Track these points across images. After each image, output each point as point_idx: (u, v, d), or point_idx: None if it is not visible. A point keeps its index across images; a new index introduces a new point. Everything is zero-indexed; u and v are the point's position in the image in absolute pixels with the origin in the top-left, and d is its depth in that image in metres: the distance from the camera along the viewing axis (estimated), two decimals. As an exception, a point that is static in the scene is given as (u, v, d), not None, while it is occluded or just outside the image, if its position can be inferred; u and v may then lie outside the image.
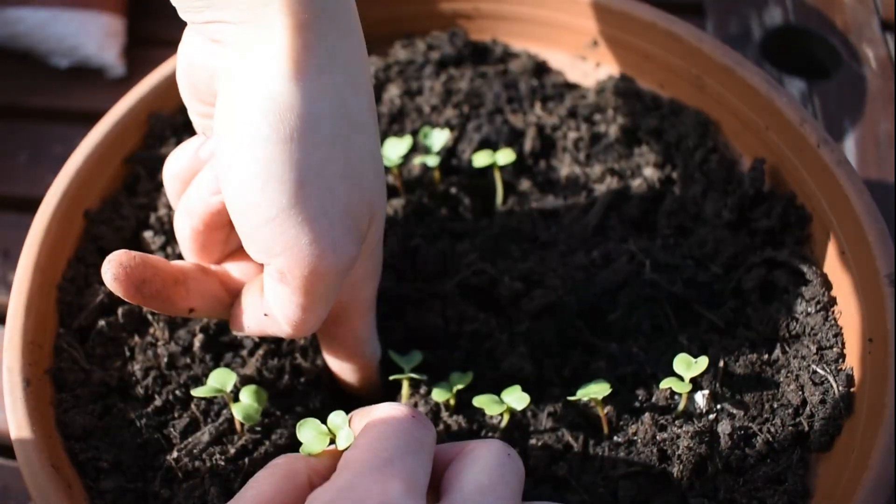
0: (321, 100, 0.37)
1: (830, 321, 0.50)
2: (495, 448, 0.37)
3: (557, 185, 0.61)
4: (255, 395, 0.47)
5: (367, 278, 0.46)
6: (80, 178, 0.55)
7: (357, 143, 0.39)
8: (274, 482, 0.37)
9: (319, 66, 0.37)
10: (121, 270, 0.42)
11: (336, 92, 0.38)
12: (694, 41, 0.60)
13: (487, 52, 0.68)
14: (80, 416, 0.47)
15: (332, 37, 0.38)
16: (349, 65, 0.39)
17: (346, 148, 0.39)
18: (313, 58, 0.37)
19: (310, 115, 0.37)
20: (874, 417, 0.44)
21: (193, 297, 0.45)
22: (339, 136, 0.38)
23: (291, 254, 0.38)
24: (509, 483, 0.36)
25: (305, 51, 0.37)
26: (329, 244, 0.38)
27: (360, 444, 0.36)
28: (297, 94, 0.37)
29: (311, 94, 0.37)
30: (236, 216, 0.39)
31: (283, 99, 0.37)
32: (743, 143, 0.59)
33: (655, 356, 0.51)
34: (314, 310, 0.41)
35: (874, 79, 0.80)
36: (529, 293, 0.53)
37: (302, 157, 0.37)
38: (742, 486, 0.45)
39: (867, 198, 0.50)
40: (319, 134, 0.37)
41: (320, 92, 0.37)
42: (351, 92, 0.39)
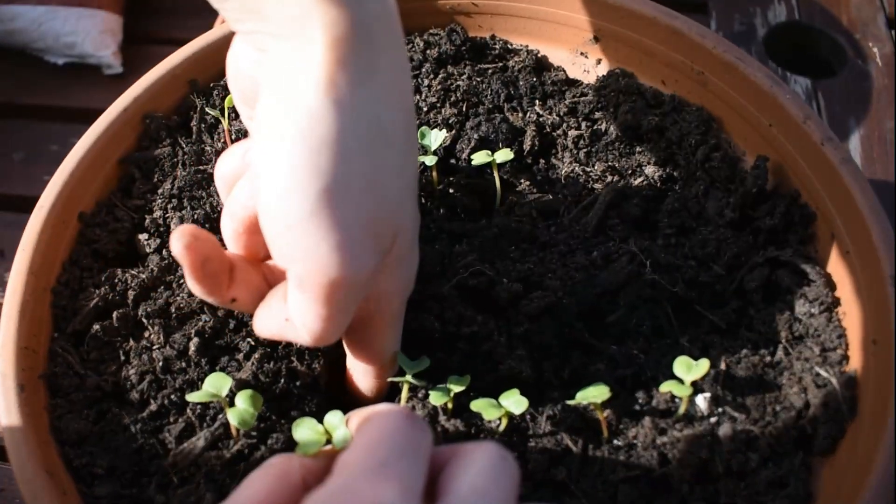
0: (352, 114, 0.38)
1: (834, 322, 0.50)
2: (490, 450, 0.37)
3: (557, 184, 0.60)
4: (251, 399, 0.46)
5: (393, 292, 0.46)
6: (74, 180, 0.54)
7: (386, 158, 0.40)
8: (268, 482, 0.37)
9: (353, 81, 0.38)
10: (192, 241, 0.42)
11: (369, 106, 0.39)
12: (696, 37, 0.59)
13: (486, 49, 0.67)
14: (75, 421, 0.47)
15: (369, 52, 0.39)
16: (386, 80, 0.40)
17: (373, 162, 0.39)
18: (348, 72, 0.38)
19: (339, 128, 0.38)
20: (877, 420, 0.44)
21: (239, 286, 0.46)
22: (367, 151, 0.39)
23: (310, 261, 0.39)
24: (504, 486, 0.36)
25: (340, 65, 0.38)
26: (347, 255, 0.39)
27: (356, 445, 0.36)
28: (328, 106, 0.38)
29: (342, 107, 0.38)
30: (263, 220, 0.40)
31: (314, 111, 0.38)
32: (746, 140, 0.59)
33: (656, 358, 0.51)
34: (332, 320, 0.42)
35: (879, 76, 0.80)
36: (528, 294, 0.53)
37: (327, 168, 0.38)
38: (744, 491, 0.45)
39: (872, 197, 0.50)
40: (347, 147, 0.38)
41: (352, 106, 0.38)
42: (385, 107, 0.40)
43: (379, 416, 0.37)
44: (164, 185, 0.58)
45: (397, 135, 0.41)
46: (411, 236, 0.45)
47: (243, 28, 0.40)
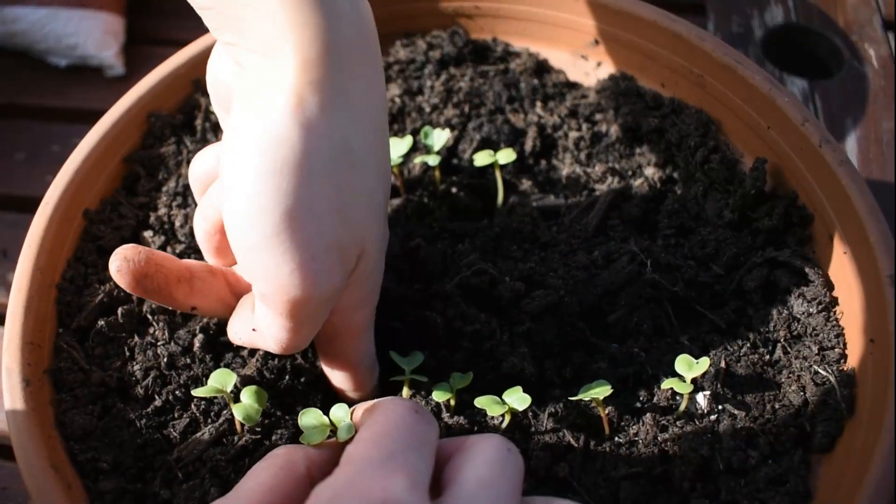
0: (319, 136, 0.38)
1: (832, 322, 0.50)
2: (495, 443, 0.37)
3: (558, 184, 0.61)
4: (256, 395, 0.46)
5: (358, 305, 0.46)
6: (79, 178, 0.55)
7: (353, 180, 0.40)
8: (272, 473, 0.37)
9: (323, 103, 0.38)
10: (124, 264, 0.44)
11: (338, 129, 0.39)
12: (695, 40, 0.60)
13: (488, 51, 0.68)
14: (80, 416, 0.47)
15: (341, 74, 0.39)
16: (357, 102, 0.40)
17: (339, 185, 0.39)
18: (317, 94, 0.38)
19: (304, 151, 0.38)
20: (876, 418, 0.44)
21: (197, 295, 0.46)
22: (333, 173, 0.39)
23: (271, 281, 0.39)
24: (510, 478, 0.36)
25: (310, 87, 0.38)
26: (310, 275, 0.39)
27: (363, 438, 0.36)
28: (294, 128, 0.38)
29: (308, 129, 0.38)
30: (228, 234, 0.40)
31: (280, 132, 0.38)
32: (744, 142, 0.59)
33: (657, 357, 0.51)
34: (299, 332, 0.42)
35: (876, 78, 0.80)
36: (530, 293, 0.53)
37: (290, 190, 0.38)
38: (744, 488, 0.45)
39: (869, 198, 0.50)
40: (311, 169, 0.38)
41: (319, 128, 0.38)
42: (354, 129, 0.40)
43: (385, 409, 0.38)
44: (168, 182, 0.59)
45: (367, 156, 0.41)
46: (377, 255, 0.45)
47: (222, 38, 0.40)
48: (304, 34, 0.38)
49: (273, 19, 0.38)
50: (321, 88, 0.38)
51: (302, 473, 0.38)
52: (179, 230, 0.56)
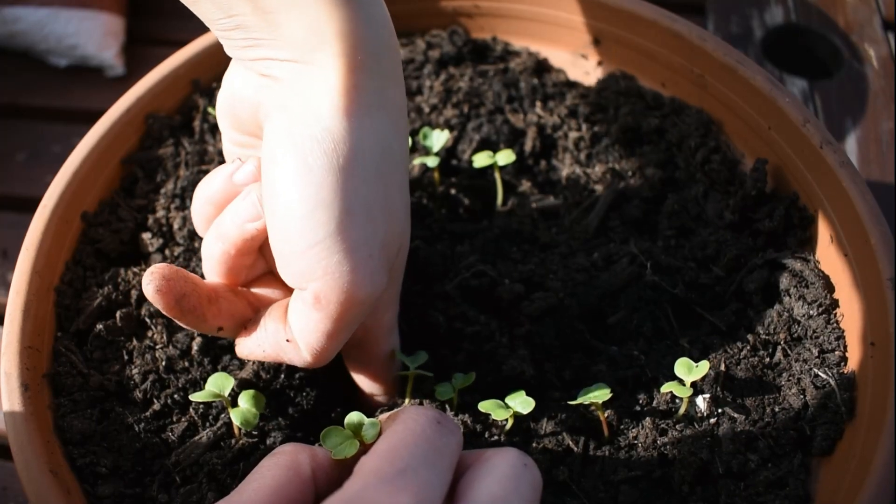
0: (369, 136, 0.40)
1: (832, 324, 0.50)
2: (511, 457, 0.36)
3: (558, 185, 0.61)
4: (254, 399, 0.46)
5: (389, 303, 0.47)
6: (77, 181, 0.54)
7: (395, 178, 0.42)
8: (277, 474, 0.36)
9: (368, 105, 0.40)
10: (164, 283, 0.43)
11: (381, 130, 0.41)
12: (696, 40, 0.59)
13: (487, 51, 0.68)
14: (79, 420, 0.47)
15: (379, 79, 0.40)
16: (393, 106, 0.42)
17: (386, 183, 0.41)
18: (363, 97, 0.40)
19: (359, 149, 0.39)
20: (876, 421, 0.44)
21: (224, 316, 0.46)
22: (381, 172, 0.41)
23: (331, 279, 0.40)
24: (524, 494, 0.35)
25: (357, 90, 0.39)
26: (368, 273, 0.40)
27: (378, 450, 0.36)
28: (349, 128, 0.39)
29: (360, 129, 0.39)
30: (279, 242, 0.40)
31: (336, 132, 0.39)
32: (745, 143, 0.59)
33: (656, 359, 0.51)
34: (338, 337, 0.43)
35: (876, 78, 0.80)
36: (530, 295, 0.53)
37: (349, 188, 0.39)
38: (743, 491, 0.45)
39: (870, 200, 0.50)
40: (366, 167, 0.40)
41: (368, 129, 0.40)
42: (393, 131, 0.41)
43: (406, 419, 0.37)
44: (166, 184, 0.59)
45: (403, 157, 0.42)
46: (407, 251, 0.46)
47: (248, 55, 0.41)
48: (347, 40, 0.39)
49: (314, 28, 0.38)
50: (366, 91, 0.40)
51: (307, 476, 0.37)
52: (178, 232, 0.56)
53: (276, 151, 0.40)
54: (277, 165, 0.40)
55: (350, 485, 0.34)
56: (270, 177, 0.40)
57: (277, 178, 0.40)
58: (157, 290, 0.43)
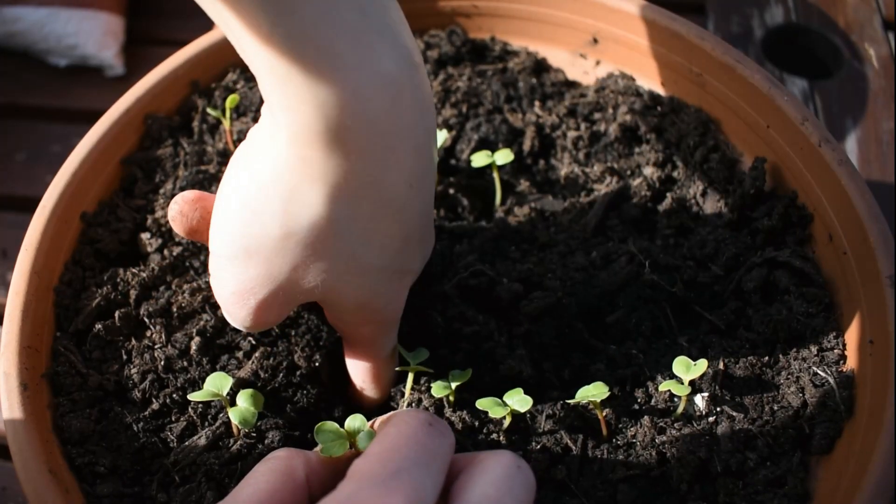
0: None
1: (831, 322, 0.50)
2: (505, 460, 0.36)
3: (557, 184, 0.61)
4: (252, 399, 0.46)
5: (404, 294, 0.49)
6: (76, 181, 0.55)
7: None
8: (271, 480, 0.36)
9: (308, 176, 0.40)
10: (180, 218, 0.47)
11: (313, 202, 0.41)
12: (695, 39, 0.59)
13: (486, 51, 0.68)
14: (78, 420, 0.47)
15: (329, 154, 0.38)
16: (342, 182, 0.40)
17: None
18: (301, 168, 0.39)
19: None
20: (875, 420, 0.44)
21: None
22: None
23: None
24: (518, 496, 0.35)
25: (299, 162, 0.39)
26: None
27: (371, 452, 0.36)
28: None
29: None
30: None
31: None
32: (744, 141, 0.59)
33: (655, 358, 0.51)
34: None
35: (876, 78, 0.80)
36: (529, 294, 0.53)
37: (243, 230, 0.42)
38: (742, 490, 0.45)
39: (869, 198, 0.50)
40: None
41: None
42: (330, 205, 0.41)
43: (398, 422, 0.37)
44: (165, 185, 0.59)
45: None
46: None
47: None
48: (299, 112, 0.36)
49: (270, 88, 0.36)
50: (305, 163, 0.38)
51: (301, 481, 0.37)
52: (177, 233, 0.56)
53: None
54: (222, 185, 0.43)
55: (343, 487, 0.34)
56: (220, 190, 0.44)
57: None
58: (172, 219, 0.46)
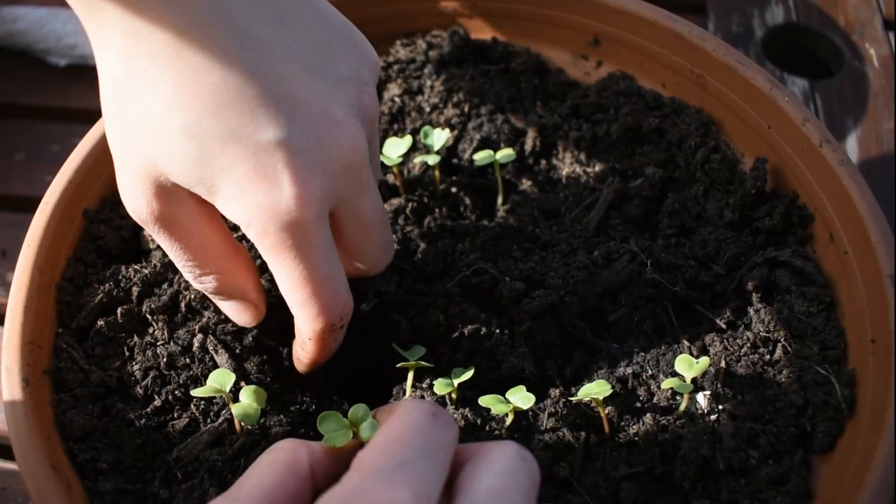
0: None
1: (833, 321, 0.50)
2: (509, 450, 0.36)
3: (558, 184, 0.61)
4: (255, 395, 0.46)
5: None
6: (78, 178, 0.55)
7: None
8: (276, 471, 0.36)
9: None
10: None
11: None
12: (696, 40, 0.60)
13: (488, 51, 0.68)
14: (80, 416, 0.47)
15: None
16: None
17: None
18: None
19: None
20: (877, 418, 0.44)
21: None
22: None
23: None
24: (522, 487, 0.35)
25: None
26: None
27: (376, 443, 0.35)
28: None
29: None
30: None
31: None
32: (745, 142, 0.59)
33: (657, 356, 0.51)
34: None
35: (876, 77, 0.80)
36: (530, 293, 0.53)
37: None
38: (744, 488, 0.45)
39: (870, 198, 0.50)
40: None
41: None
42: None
43: (402, 412, 0.37)
44: (167, 183, 0.59)
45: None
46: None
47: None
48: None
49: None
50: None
51: (305, 472, 0.37)
52: (179, 230, 0.56)
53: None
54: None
55: (347, 479, 0.34)
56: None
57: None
58: None
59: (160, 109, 0.41)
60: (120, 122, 0.43)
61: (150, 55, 0.41)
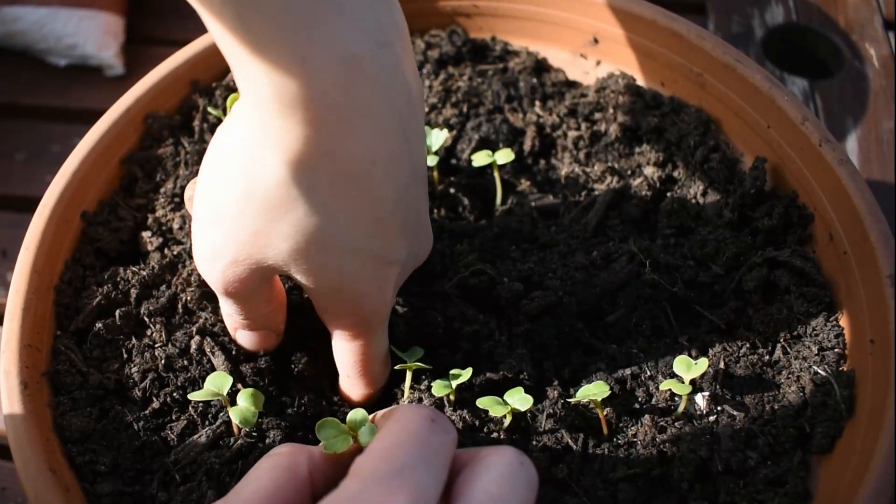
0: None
1: (832, 322, 0.50)
2: (508, 456, 0.36)
3: (557, 184, 0.61)
4: (253, 398, 0.46)
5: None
6: (76, 180, 0.55)
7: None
8: (275, 476, 0.36)
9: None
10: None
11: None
12: (695, 39, 0.59)
13: (487, 51, 0.68)
14: (78, 418, 0.47)
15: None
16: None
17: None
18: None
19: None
20: (875, 419, 0.44)
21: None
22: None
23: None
24: (520, 493, 0.35)
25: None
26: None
27: (374, 449, 0.35)
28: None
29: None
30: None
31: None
32: (744, 141, 0.59)
33: (655, 357, 0.51)
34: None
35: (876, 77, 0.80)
36: (529, 294, 0.53)
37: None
38: (743, 489, 0.45)
39: (869, 197, 0.50)
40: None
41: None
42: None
43: (400, 418, 0.37)
44: (166, 184, 0.59)
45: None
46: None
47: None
48: (255, 81, 0.36)
49: (232, 60, 0.37)
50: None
51: (304, 477, 0.37)
52: (177, 232, 0.56)
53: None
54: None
55: (346, 485, 0.34)
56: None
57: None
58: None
59: (324, 234, 0.40)
60: (262, 213, 0.40)
61: (330, 181, 0.39)
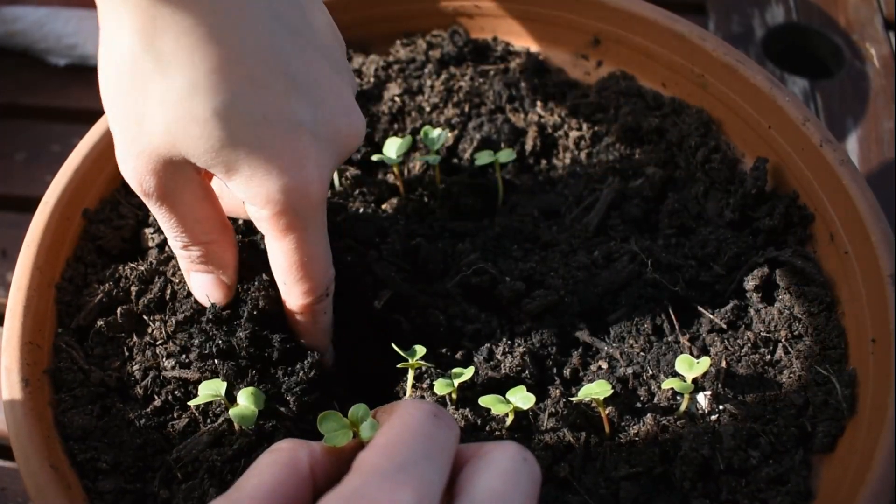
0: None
1: (833, 321, 0.50)
2: (511, 451, 0.36)
3: (558, 184, 0.61)
4: (252, 396, 0.46)
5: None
6: (78, 178, 0.55)
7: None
8: (276, 472, 0.36)
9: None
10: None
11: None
12: (696, 39, 0.59)
13: (488, 51, 0.68)
14: (79, 416, 0.47)
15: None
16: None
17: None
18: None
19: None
20: (877, 418, 0.44)
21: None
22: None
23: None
24: (524, 489, 0.35)
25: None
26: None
27: (377, 444, 0.35)
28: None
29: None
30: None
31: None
32: (745, 142, 0.59)
33: (657, 356, 0.51)
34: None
35: (877, 77, 0.80)
36: (531, 293, 0.53)
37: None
38: (744, 488, 0.45)
39: (870, 197, 0.50)
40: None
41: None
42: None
43: (403, 413, 0.36)
44: (167, 183, 0.59)
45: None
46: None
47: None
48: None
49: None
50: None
51: (305, 473, 0.37)
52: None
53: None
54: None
55: (349, 481, 0.34)
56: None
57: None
58: None
59: (184, 93, 0.41)
60: (132, 100, 0.42)
61: (175, 37, 0.40)
